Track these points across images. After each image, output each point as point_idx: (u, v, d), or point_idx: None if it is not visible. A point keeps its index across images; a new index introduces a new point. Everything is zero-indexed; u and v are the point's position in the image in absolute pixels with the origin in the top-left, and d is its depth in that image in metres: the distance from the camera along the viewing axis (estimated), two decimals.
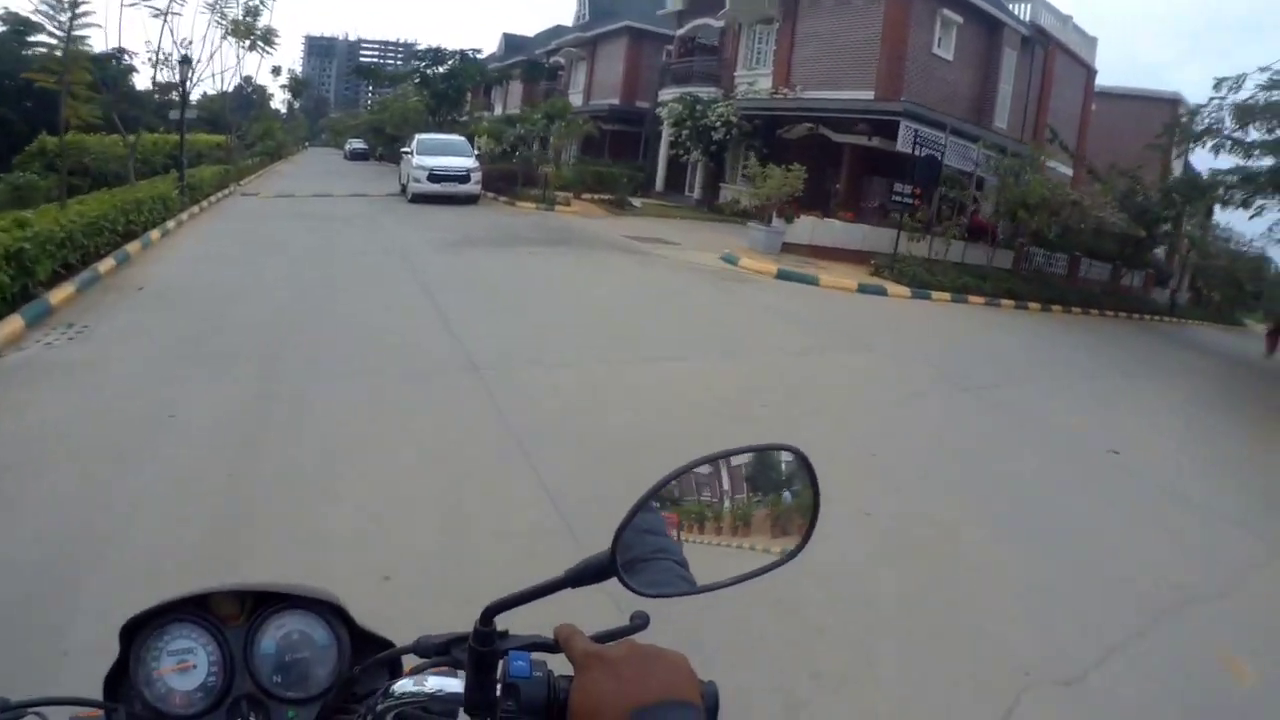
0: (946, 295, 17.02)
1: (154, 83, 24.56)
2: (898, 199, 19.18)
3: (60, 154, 13.41)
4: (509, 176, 25.47)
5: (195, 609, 0.91)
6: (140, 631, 0.89)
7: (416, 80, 35.93)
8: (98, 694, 0.90)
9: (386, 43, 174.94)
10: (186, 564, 3.25)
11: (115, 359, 6.55)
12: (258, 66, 45.23)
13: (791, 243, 18.74)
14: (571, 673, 0.70)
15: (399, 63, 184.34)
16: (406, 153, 23.39)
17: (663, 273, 13.88)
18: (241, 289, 9.76)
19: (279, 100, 60.11)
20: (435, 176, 21.24)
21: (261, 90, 65.02)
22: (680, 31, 33.45)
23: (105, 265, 10.75)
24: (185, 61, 17.93)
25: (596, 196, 25.65)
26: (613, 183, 26.20)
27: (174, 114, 18.74)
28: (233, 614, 0.92)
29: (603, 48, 39.01)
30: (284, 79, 56.56)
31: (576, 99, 38.78)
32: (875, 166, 23.21)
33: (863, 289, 15.95)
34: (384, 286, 10.29)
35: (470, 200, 22.13)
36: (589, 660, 0.68)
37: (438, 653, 0.82)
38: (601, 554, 0.76)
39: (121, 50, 34.98)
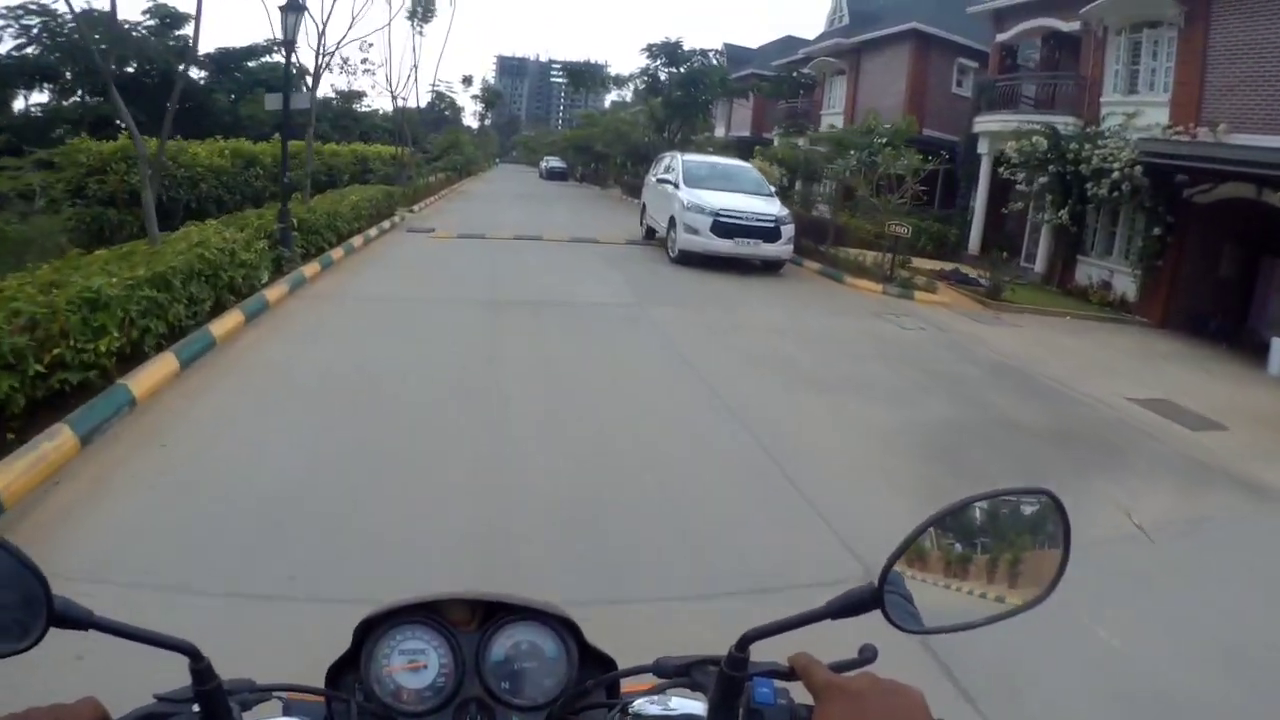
0: None
1: (337, 91, 17.57)
2: None
3: None
4: (815, 229, 15.95)
5: (429, 613, 0.91)
6: (374, 630, 0.89)
7: (642, 85, 27.29)
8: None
9: (578, 63, 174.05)
10: None
11: None
12: (435, 69, 38.36)
13: None
14: (809, 703, 0.70)
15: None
16: (664, 181, 14.47)
17: None
18: None
19: (470, 114, 54.56)
20: (725, 225, 12.17)
21: (453, 103, 59.86)
22: (1003, 37, 23.03)
23: None
24: (294, 8, 9.58)
25: (937, 268, 15.74)
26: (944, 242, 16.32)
27: (273, 101, 10.38)
28: (464, 620, 0.93)
29: (872, 58, 29.08)
30: (476, 88, 50.76)
31: (834, 122, 29.05)
32: None
33: None
34: None
35: (772, 267, 12.80)
36: (831, 691, 0.67)
37: (677, 674, 0.83)
38: (863, 588, 0.76)
39: (272, 43, 29.15)
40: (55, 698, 0.70)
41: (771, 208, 13.00)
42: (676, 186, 13.58)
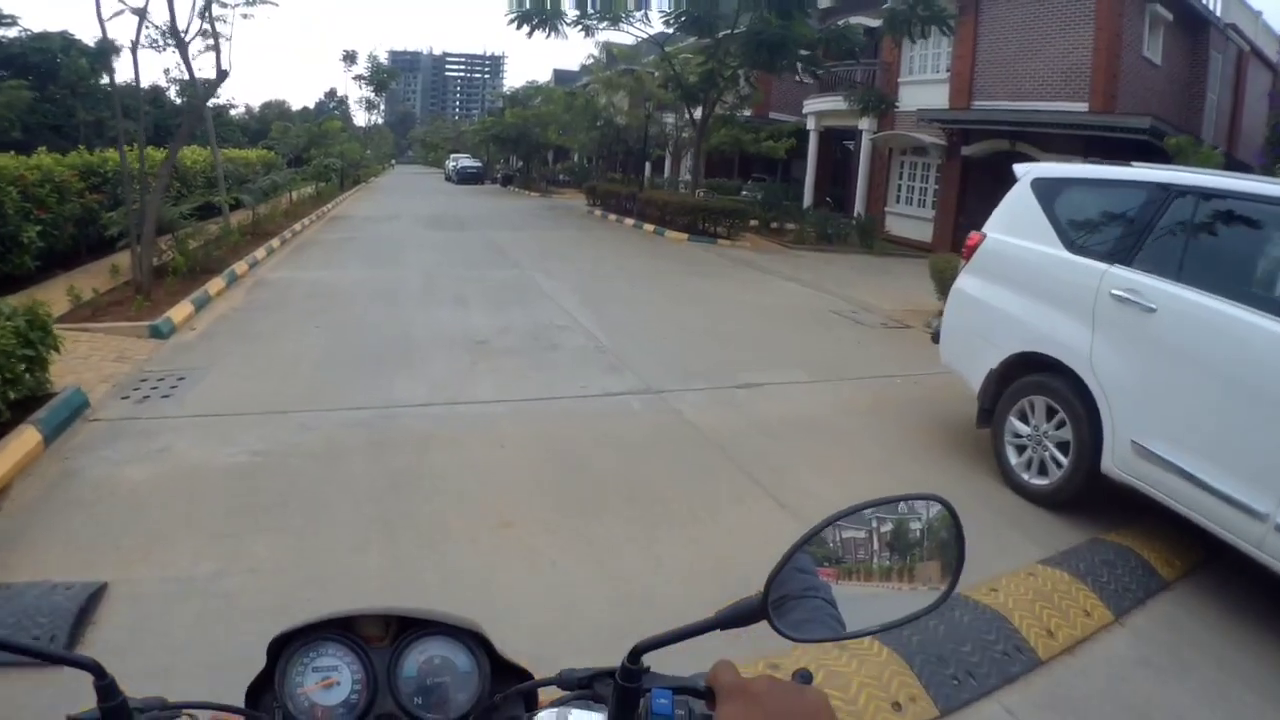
0: None
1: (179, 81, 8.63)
2: None
3: None
4: None
5: (342, 629, 0.91)
6: (288, 647, 0.89)
7: (671, 13, 14.70)
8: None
9: (473, 56, 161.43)
10: None
11: None
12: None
13: None
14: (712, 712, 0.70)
15: (486, 75, 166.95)
16: None
17: None
18: None
19: (354, 102, 40.56)
20: None
21: (343, 102, 45.44)
22: None
23: None
24: None
25: None
26: None
27: None
28: (377, 636, 0.92)
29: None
30: (361, 67, 36.83)
31: (928, 94, 17.58)
32: None
33: None
34: None
35: None
36: (734, 692, 0.68)
37: (580, 686, 0.84)
38: (752, 597, 0.75)
39: None
40: None
41: None
42: None
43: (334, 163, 21.29)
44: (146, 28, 10.60)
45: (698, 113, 17.10)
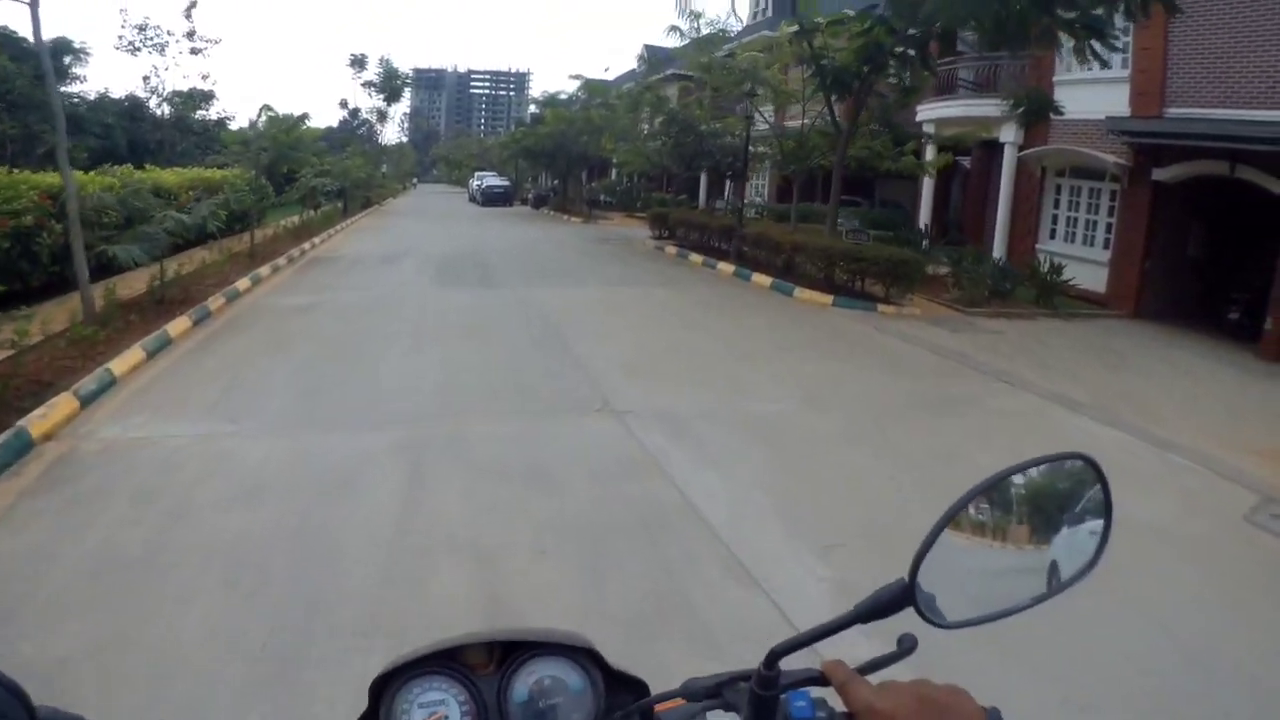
0: None
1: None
2: None
3: None
4: None
5: (444, 660, 0.85)
6: (390, 685, 0.83)
7: None
8: None
9: (498, 73, 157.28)
10: None
11: None
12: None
13: None
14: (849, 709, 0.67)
15: (511, 92, 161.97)
16: None
17: None
18: None
19: (368, 111, 35.28)
20: None
21: (356, 114, 40.53)
22: None
23: None
24: None
25: None
26: None
27: None
28: (481, 663, 0.85)
29: None
30: (371, 73, 31.48)
31: (1092, 99, 12.50)
32: None
33: None
34: None
35: None
36: (872, 715, 0.64)
37: (709, 695, 0.79)
38: (893, 585, 0.70)
39: None
40: None
41: None
42: None
43: (322, 183, 15.94)
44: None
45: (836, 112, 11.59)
